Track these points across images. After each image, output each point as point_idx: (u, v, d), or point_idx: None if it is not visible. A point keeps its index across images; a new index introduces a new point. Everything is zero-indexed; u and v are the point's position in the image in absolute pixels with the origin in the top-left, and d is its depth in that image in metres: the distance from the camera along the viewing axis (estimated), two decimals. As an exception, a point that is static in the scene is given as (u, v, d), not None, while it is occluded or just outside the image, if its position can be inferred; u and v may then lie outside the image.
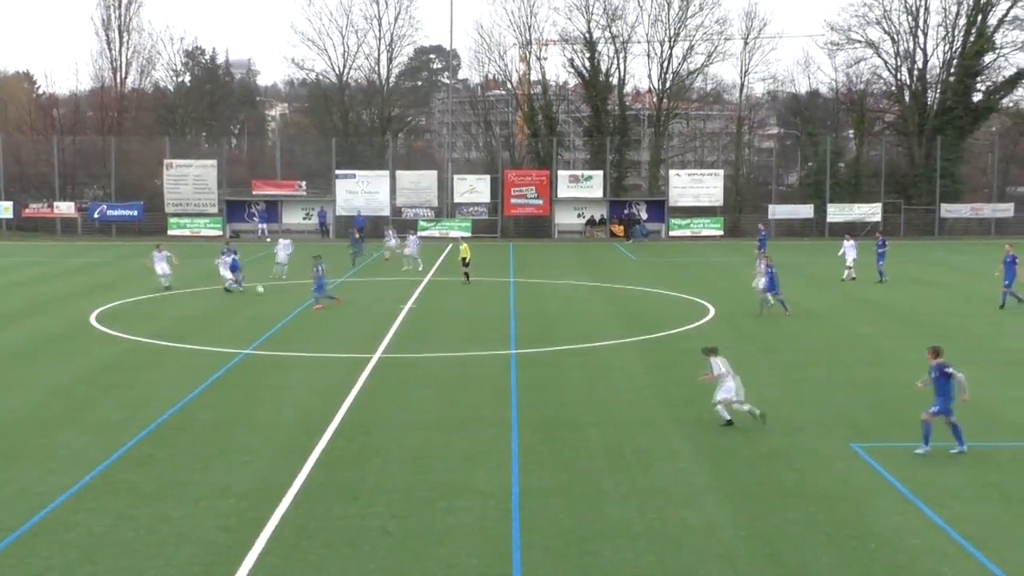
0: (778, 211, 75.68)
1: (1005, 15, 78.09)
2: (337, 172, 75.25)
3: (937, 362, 17.78)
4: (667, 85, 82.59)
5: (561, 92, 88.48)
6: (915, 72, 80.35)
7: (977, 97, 79.77)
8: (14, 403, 22.17)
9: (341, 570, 13.23)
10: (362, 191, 74.64)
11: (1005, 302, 35.63)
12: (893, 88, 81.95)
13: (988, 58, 78.79)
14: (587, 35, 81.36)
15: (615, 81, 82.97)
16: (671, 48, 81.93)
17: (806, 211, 75.32)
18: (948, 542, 14.06)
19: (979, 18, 77.89)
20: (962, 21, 78.29)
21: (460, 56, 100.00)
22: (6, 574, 13.05)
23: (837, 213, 73.69)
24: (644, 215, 75.61)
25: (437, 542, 14.10)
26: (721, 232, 73.47)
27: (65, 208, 75.26)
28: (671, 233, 74.04)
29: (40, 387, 23.75)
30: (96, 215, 74.92)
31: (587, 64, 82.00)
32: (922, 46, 79.84)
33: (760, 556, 13.61)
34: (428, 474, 17.07)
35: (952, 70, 78.55)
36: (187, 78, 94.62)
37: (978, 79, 79.31)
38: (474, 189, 75.86)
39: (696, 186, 75.13)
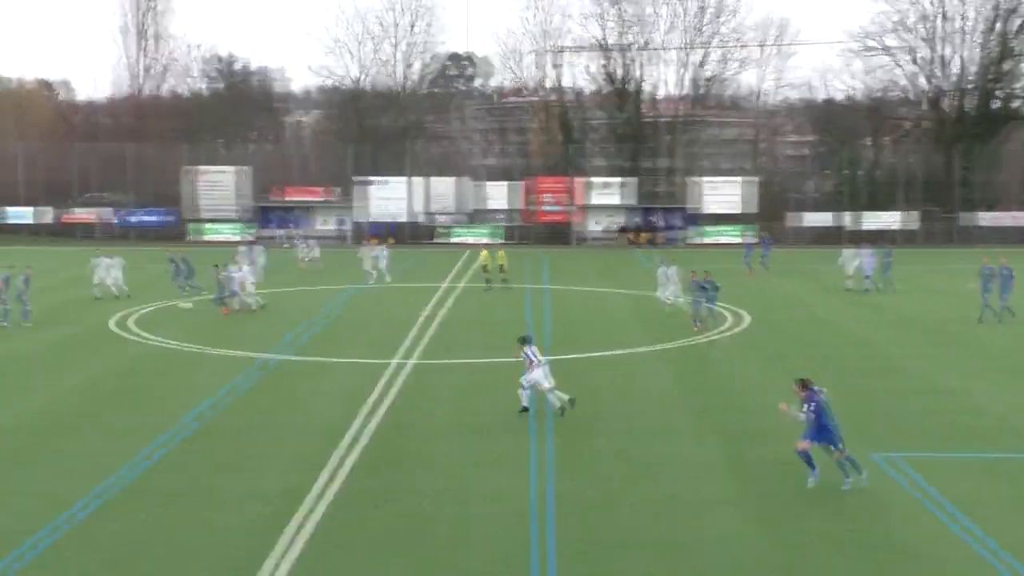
0: (807, 218, 75.52)
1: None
2: (360, 178, 75.70)
3: (806, 393, 16.48)
4: (695, 92, 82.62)
5: (588, 99, 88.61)
6: (950, 79, 79.89)
7: (1016, 103, 79.20)
8: (40, 407, 22.45)
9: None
10: (385, 197, 75.06)
11: (983, 315, 34.73)
12: (928, 94, 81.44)
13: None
14: (614, 42, 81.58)
15: (642, 88, 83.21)
16: (700, 55, 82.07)
17: (836, 218, 75.04)
18: (967, 551, 14.07)
19: (1018, 24, 77.38)
20: (998, 27, 77.85)
21: (488, 63, 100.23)
22: (34, 578, 13.30)
23: (869, 221, 73.34)
24: (671, 222, 75.71)
25: (461, 548, 14.23)
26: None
27: (96, 214, 76.50)
28: (697, 240, 73.97)
29: (66, 391, 24.03)
30: (127, 221, 76.17)
31: (614, 71, 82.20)
32: (959, 52, 79.47)
33: (778, 566, 13.66)
34: (453, 480, 17.21)
35: (988, 76, 78.03)
36: (214, 85, 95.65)
37: (1016, 86, 78.80)
38: (499, 196, 76.09)
39: (723, 193, 75.12)
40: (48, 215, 77.00)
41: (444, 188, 76.00)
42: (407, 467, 17.95)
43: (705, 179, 77.06)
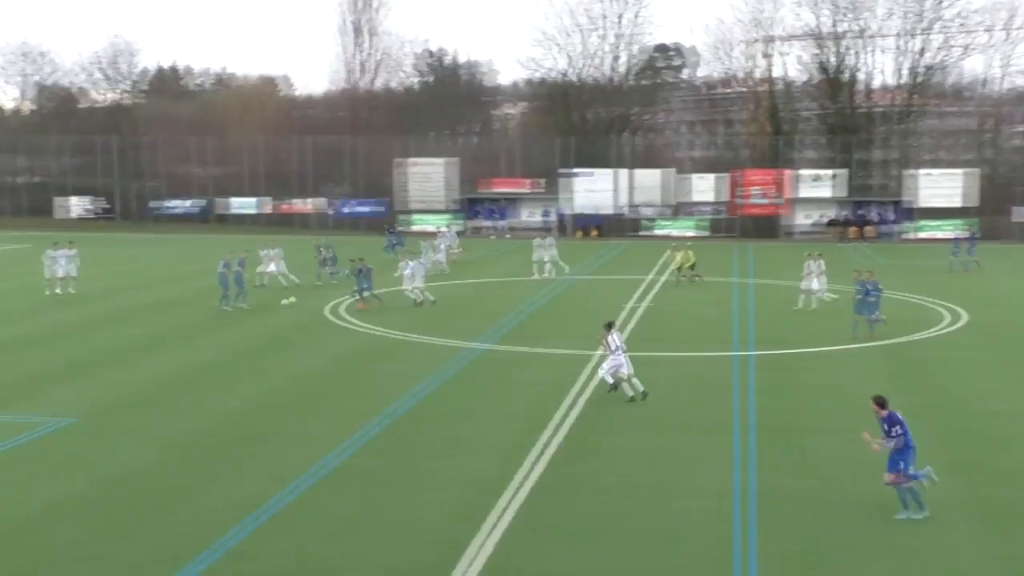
0: None
1: None
2: (565, 170, 76.01)
3: (887, 413, 15.17)
4: (914, 80, 79.17)
5: (800, 89, 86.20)
6: None
7: None
8: (264, 389, 23.61)
9: (565, 564, 13.49)
10: (590, 189, 75.16)
11: None
12: None
13: None
14: (828, 30, 79.08)
15: (857, 77, 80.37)
16: (920, 42, 78.47)
17: None
18: None
19: None
20: None
21: (695, 53, 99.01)
22: (254, 550, 13.97)
23: None
24: (885, 216, 72.94)
25: (662, 542, 14.18)
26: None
27: (314, 204, 79.94)
28: (916, 235, 70.95)
29: (286, 374, 25.18)
30: (343, 210, 79.30)
31: (827, 60, 79.75)
32: None
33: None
34: (654, 473, 17.17)
35: None
36: (425, 79, 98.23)
37: None
38: (705, 188, 75.05)
39: (943, 186, 71.60)
40: (268, 205, 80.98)
41: (649, 180, 75.54)
42: (608, 459, 17.99)
43: (922, 171, 73.66)
